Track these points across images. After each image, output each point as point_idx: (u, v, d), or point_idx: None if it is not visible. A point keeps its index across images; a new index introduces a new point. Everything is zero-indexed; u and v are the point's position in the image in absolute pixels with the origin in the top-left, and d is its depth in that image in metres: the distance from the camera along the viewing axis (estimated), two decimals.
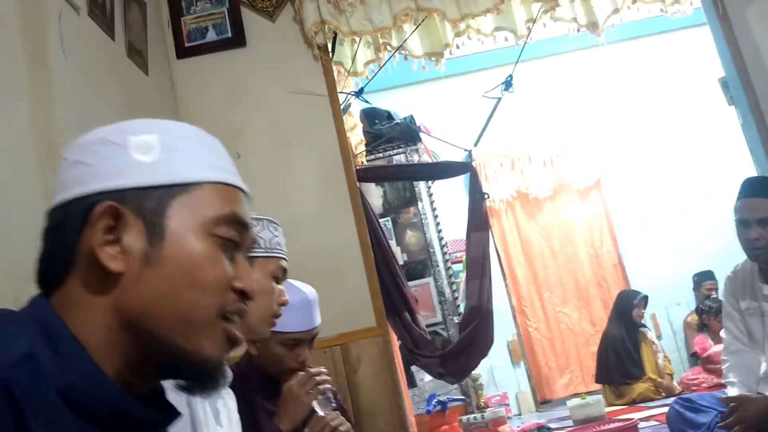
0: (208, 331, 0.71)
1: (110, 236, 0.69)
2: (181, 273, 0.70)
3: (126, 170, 0.71)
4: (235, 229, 0.75)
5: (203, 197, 0.73)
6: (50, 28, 1.90)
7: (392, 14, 3.04)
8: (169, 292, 0.69)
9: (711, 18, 3.17)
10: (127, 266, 0.69)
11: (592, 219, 6.37)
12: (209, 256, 0.72)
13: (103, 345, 0.69)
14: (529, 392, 5.93)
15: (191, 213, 0.72)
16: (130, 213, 0.70)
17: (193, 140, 0.78)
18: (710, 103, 5.40)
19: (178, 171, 0.73)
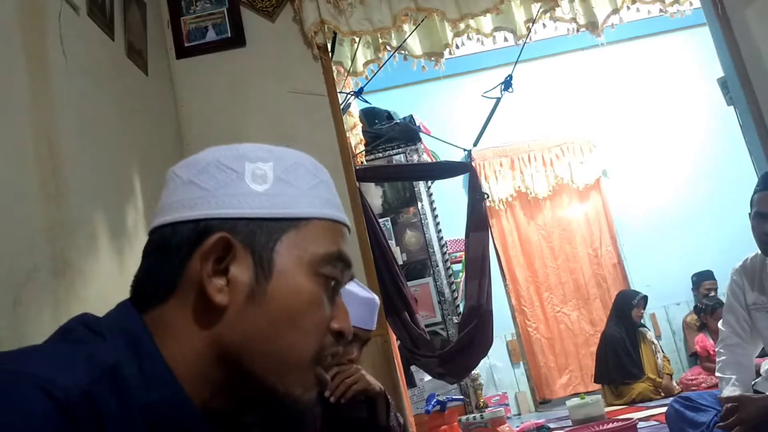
0: (302, 373, 0.70)
1: (219, 267, 0.67)
2: (285, 313, 0.68)
3: (240, 199, 0.68)
4: (339, 268, 0.73)
5: (312, 234, 0.71)
6: (50, 28, 1.90)
7: (392, 14, 3.04)
8: (269, 331, 0.68)
9: (710, 18, 3.18)
10: (232, 300, 0.67)
11: (591, 219, 6.37)
12: (313, 297, 0.70)
13: (193, 373, 0.67)
14: (529, 392, 5.93)
15: (300, 250, 0.69)
16: (240, 245, 0.67)
17: (305, 172, 0.74)
18: (709, 103, 5.41)
19: (290, 204, 0.70)
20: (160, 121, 2.84)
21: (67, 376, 0.59)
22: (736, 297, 2.45)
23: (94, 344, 0.65)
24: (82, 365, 0.61)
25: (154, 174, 2.51)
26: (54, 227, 1.69)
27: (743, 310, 2.43)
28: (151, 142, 2.62)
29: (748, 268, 2.42)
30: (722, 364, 2.44)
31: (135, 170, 2.34)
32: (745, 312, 2.42)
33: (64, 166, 1.80)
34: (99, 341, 0.65)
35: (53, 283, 1.64)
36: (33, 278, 1.56)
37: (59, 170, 1.78)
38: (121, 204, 2.16)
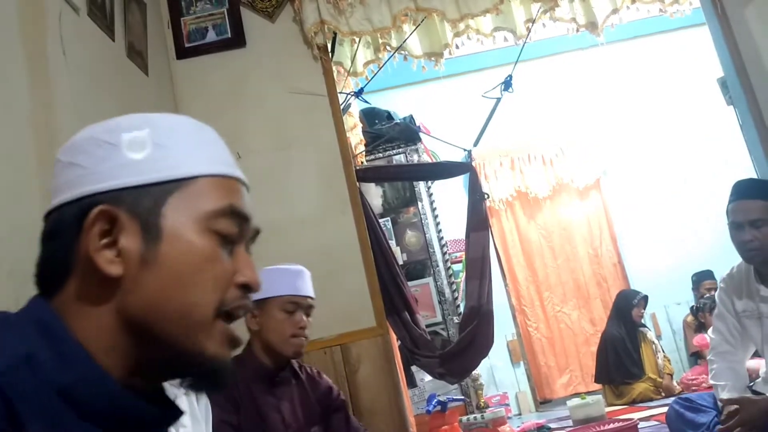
0: (209, 329, 0.70)
1: (106, 240, 0.68)
2: (180, 272, 0.69)
3: (119, 170, 0.69)
4: (235, 222, 0.73)
5: (199, 192, 0.71)
6: (50, 29, 1.90)
7: (392, 14, 3.04)
8: (169, 292, 0.68)
9: (710, 18, 3.18)
10: (126, 269, 0.68)
11: (591, 218, 6.37)
12: (208, 253, 0.70)
13: (106, 348, 0.68)
14: (529, 392, 5.93)
15: (187, 209, 0.70)
16: (125, 214, 0.68)
17: (186, 133, 0.74)
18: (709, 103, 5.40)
19: (171, 167, 0.71)
20: None
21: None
22: (725, 305, 2.47)
23: (6, 338, 0.65)
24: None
25: None
26: None
27: (733, 318, 2.44)
28: None
29: (735, 277, 2.45)
30: (715, 372, 2.46)
31: None
32: (734, 319, 2.44)
33: None
34: (9, 334, 0.66)
35: None
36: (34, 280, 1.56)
37: None
38: None
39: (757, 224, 2.24)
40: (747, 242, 2.25)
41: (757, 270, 2.34)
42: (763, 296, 2.32)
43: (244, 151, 3.00)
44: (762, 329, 2.35)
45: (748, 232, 2.24)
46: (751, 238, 2.24)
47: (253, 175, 3.10)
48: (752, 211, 2.25)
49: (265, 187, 2.96)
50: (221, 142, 0.79)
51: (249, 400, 1.89)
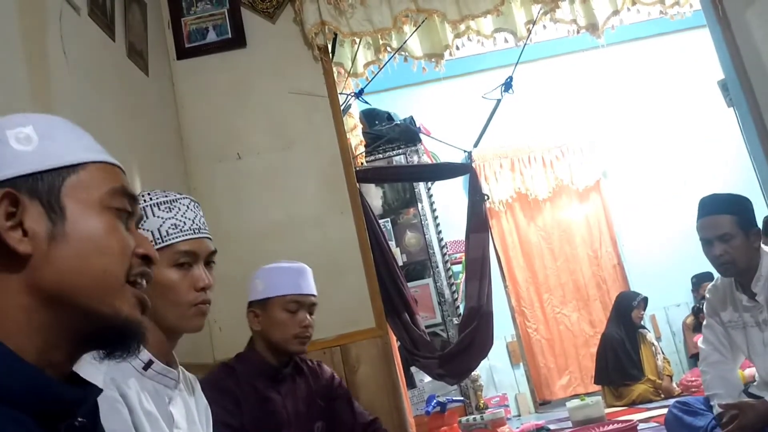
0: (121, 293, 0.77)
1: (12, 222, 0.72)
2: (88, 244, 0.75)
3: (12, 161, 0.74)
4: (126, 199, 0.81)
5: (92, 175, 0.78)
6: (51, 29, 1.90)
7: (392, 15, 3.04)
8: (79, 263, 0.74)
9: (710, 20, 3.18)
10: (35, 247, 0.73)
11: (591, 220, 6.37)
12: (109, 226, 0.78)
13: (20, 327, 0.71)
14: (528, 393, 5.93)
15: (85, 190, 0.77)
16: (26, 198, 0.73)
17: (64, 128, 0.81)
18: (710, 105, 5.40)
19: (61, 155, 0.77)
20: (161, 121, 2.84)
21: None
22: (712, 316, 2.51)
23: None
24: None
25: (154, 174, 2.51)
26: None
27: (721, 327, 2.47)
28: (151, 143, 2.62)
29: (720, 288, 2.49)
30: (707, 382, 2.47)
31: (135, 170, 2.35)
32: (722, 329, 2.46)
33: None
34: None
35: None
36: None
37: None
38: None
39: (725, 238, 2.29)
40: (718, 256, 2.32)
41: (737, 280, 2.38)
42: (745, 306, 2.36)
43: (244, 152, 3.01)
44: (747, 338, 2.38)
45: (718, 247, 2.30)
46: (722, 252, 2.30)
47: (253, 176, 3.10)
48: (720, 226, 2.31)
49: (265, 187, 2.96)
50: (90, 135, 0.86)
51: (252, 398, 1.88)
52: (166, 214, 1.34)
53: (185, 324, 1.33)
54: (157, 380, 1.29)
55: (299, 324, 1.94)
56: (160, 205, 1.34)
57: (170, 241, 1.33)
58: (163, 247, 1.31)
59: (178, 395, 1.34)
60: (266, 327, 1.95)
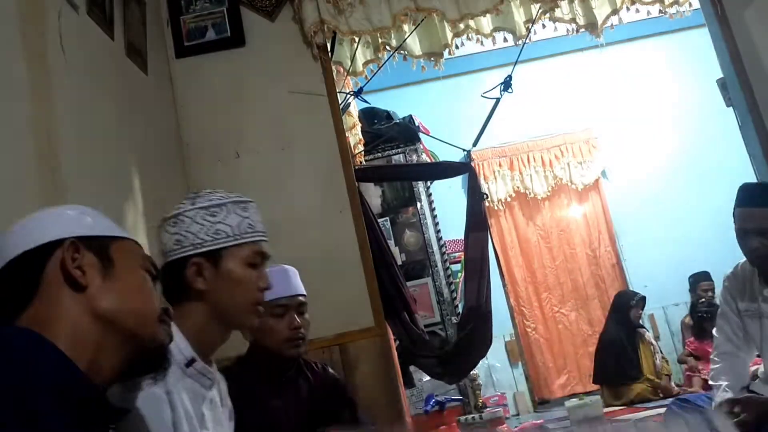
0: (156, 324, 1.03)
1: (75, 263, 0.96)
2: (132, 284, 1.02)
3: (76, 227, 1.00)
4: (152, 266, 1.09)
5: (129, 245, 1.07)
6: (49, 27, 1.89)
7: (391, 14, 3.04)
8: (127, 296, 1.00)
9: (710, 19, 3.18)
10: (90, 281, 0.97)
11: (590, 219, 6.37)
12: (145, 278, 1.06)
13: (78, 341, 0.92)
14: (527, 392, 5.93)
15: (127, 252, 1.05)
16: (84, 248, 0.98)
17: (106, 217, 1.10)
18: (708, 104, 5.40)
19: (110, 229, 1.06)
20: (160, 120, 2.84)
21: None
22: (729, 304, 2.47)
23: None
24: None
25: (153, 172, 2.51)
26: None
27: (736, 317, 2.44)
28: (150, 141, 2.62)
29: (739, 275, 2.44)
30: (715, 372, 2.45)
31: (134, 169, 2.34)
32: (737, 318, 2.43)
33: (63, 164, 1.80)
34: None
35: None
36: None
37: (58, 169, 1.78)
38: (120, 202, 2.16)
39: (764, 232, 2.23)
40: (754, 250, 2.25)
41: (762, 271, 2.34)
42: (765, 296, 2.32)
43: (243, 151, 3.01)
44: (762, 329, 2.35)
45: (756, 240, 2.24)
46: (759, 245, 2.23)
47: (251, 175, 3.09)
48: (760, 219, 2.24)
49: (263, 186, 2.96)
50: None
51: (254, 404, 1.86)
52: (243, 213, 1.42)
53: (245, 320, 1.41)
54: (196, 379, 1.31)
55: (289, 327, 1.91)
56: (239, 203, 1.42)
57: (247, 240, 1.40)
58: (240, 244, 1.39)
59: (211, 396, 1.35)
60: (258, 336, 1.93)
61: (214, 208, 1.37)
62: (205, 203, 1.38)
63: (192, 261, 1.35)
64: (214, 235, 1.36)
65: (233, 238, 1.38)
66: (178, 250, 1.36)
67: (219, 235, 1.36)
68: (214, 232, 1.36)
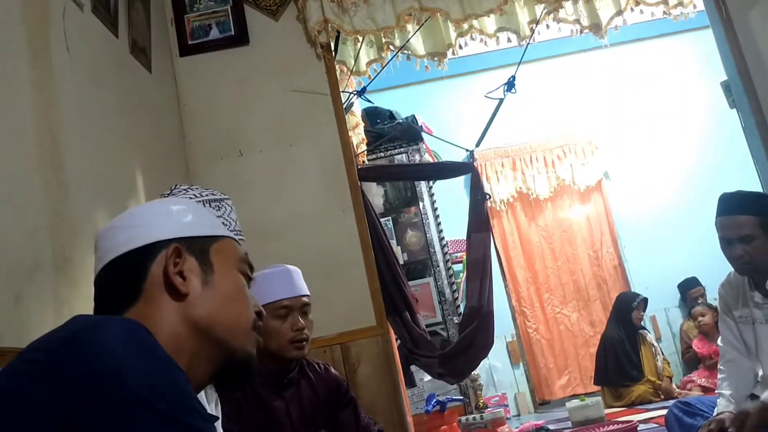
0: (248, 335, 0.98)
1: (177, 269, 0.93)
2: (229, 292, 0.97)
3: (177, 228, 0.97)
4: (249, 267, 1.04)
5: (227, 245, 1.02)
6: (54, 25, 1.90)
7: (395, 14, 3.04)
8: (224, 305, 0.96)
9: (714, 21, 3.17)
10: (191, 288, 0.93)
11: (592, 220, 6.37)
12: (242, 283, 1.00)
13: (173, 349, 0.85)
14: (528, 393, 5.93)
15: (225, 254, 1.00)
16: (186, 252, 0.95)
17: (208, 211, 1.10)
18: (712, 106, 5.40)
19: (210, 227, 1.02)
20: (163, 118, 2.84)
21: None
22: (726, 312, 2.48)
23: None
24: None
25: (156, 170, 2.51)
26: (56, 223, 1.70)
27: (734, 323, 2.45)
28: (153, 139, 2.62)
29: (733, 282, 2.46)
30: (721, 382, 2.45)
31: (137, 167, 2.35)
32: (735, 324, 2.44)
33: (67, 162, 1.80)
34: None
35: (54, 279, 1.64)
36: (35, 274, 1.56)
37: (62, 166, 1.78)
38: (122, 200, 2.17)
39: (745, 239, 2.26)
40: (738, 258, 2.28)
41: (751, 277, 2.36)
42: (756, 302, 2.34)
43: (246, 149, 3.01)
44: (755, 335, 2.36)
45: (739, 248, 2.27)
46: (742, 253, 2.27)
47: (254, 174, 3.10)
48: (741, 227, 2.28)
49: (266, 185, 2.96)
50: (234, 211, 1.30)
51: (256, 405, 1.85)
52: (216, 213, 1.37)
53: None
54: None
55: (292, 328, 1.89)
56: (212, 202, 1.39)
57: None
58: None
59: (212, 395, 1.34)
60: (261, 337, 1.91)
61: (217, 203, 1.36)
62: None
63: None
64: None
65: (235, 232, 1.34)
66: None
67: None
68: None
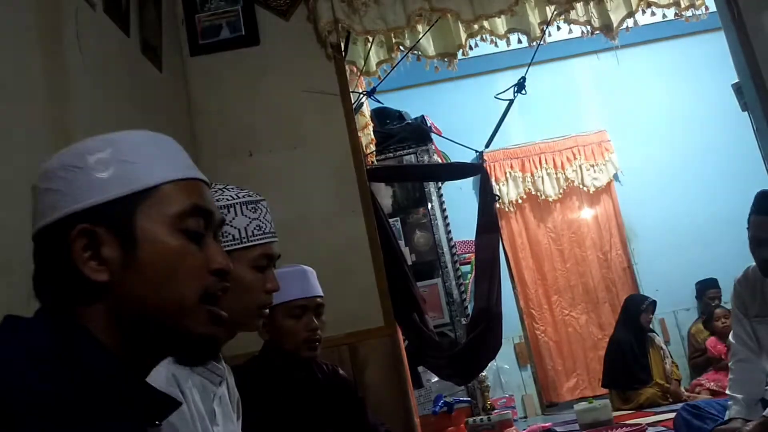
0: (193, 314, 0.80)
1: (89, 253, 0.77)
2: (158, 271, 0.78)
3: (90, 190, 0.78)
4: (201, 218, 0.82)
5: (164, 197, 0.80)
6: (66, 24, 1.91)
7: (406, 14, 3.04)
8: (154, 287, 0.78)
9: (725, 23, 3.16)
10: (112, 274, 0.77)
11: (602, 222, 6.35)
12: (180, 250, 0.80)
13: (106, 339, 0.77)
14: (535, 395, 5.92)
15: (156, 215, 0.79)
16: (102, 228, 0.77)
17: (146, 146, 0.83)
18: (724, 108, 5.37)
19: (136, 179, 0.79)
20: (173, 117, 2.85)
21: None
22: (740, 309, 2.44)
23: None
24: None
25: None
26: None
27: (748, 321, 2.41)
28: None
29: (750, 279, 2.41)
30: (731, 383, 2.42)
31: None
32: (749, 322, 2.41)
33: None
34: None
35: None
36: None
37: None
38: None
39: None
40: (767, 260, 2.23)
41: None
42: None
43: (255, 150, 3.01)
44: None
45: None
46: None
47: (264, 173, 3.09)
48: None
49: (275, 184, 2.96)
50: (178, 147, 0.87)
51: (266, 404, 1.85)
52: (252, 215, 1.37)
53: (249, 323, 1.36)
54: (205, 375, 1.30)
55: (306, 328, 1.90)
56: (248, 204, 1.37)
57: (255, 242, 1.35)
58: (247, 246, 1.34)
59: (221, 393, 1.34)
60: (274, 336, 1.91)
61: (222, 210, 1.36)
62: None
63: None
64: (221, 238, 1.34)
65: (239, 241, 1.34)
66: None
67: (225, 238, 1.33)
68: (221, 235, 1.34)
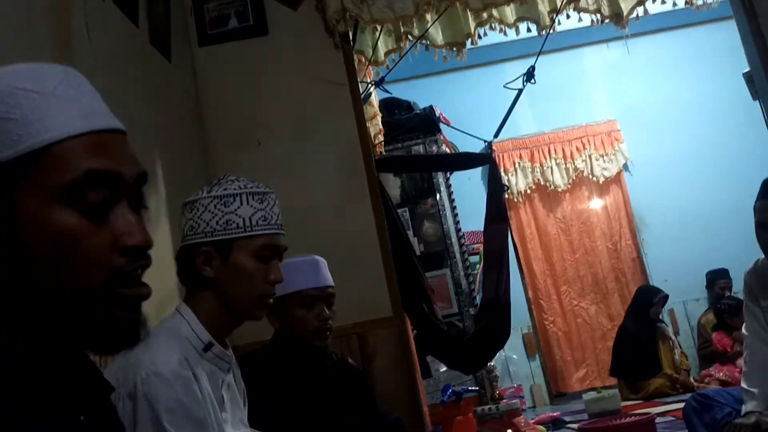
0: (102, 305, 0.64)
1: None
2: (50, 258, 0.62)
3: None
4: (102, 186, 0.64)
5: (53, 163, 0.62)
6: (75, 14, 1.91)
7: (414, 2, 3.02)
8: (49, 276, 0.62)
9: (737, 11, 3.13)
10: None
11: (611, 212, 6.32)
12: (71, 230, 0.62)
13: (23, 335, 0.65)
14: (544, 385, 5.92)
15: (40, 189, 0.62)
16: None
17: (24, 95, 0.63)
18: (735, 97, 5.33)
19: (15, 142, 0.62)
20: (182, 107, 2.85)
21: None
22: (752, 299, 2.42)
23: None
24: None
25: (175, 159, 2.53)
26: None
27: (761, 312, 2.39)
28: (172, 129, 2.64)
29: (760, 270, 2.39)
30: (746, 376, 2.39)
31: (156, 155, 2.36)
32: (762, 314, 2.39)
33: None
34: None
35: None
36: None
37: None
38: None
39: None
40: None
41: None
42: None
43: (264, 139, 3.02)
44: None
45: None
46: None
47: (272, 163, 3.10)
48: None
49: (284, 174, 2.97)
50: (80, 84, 0.69)
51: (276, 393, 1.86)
52: (258, 205, 1.38)
53: (250, 311, 1.38)
54: (214, 363, 1.33)
55: (317, 318, 1.92)
56: (255, 195, 1.39)
57: (258, 232, 1.36)
58: (251, 236, 1.36)
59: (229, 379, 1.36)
60: (286, 325, 1.93)
61: (228, 198, 1.36)
62: (220, 192, 1.37)
63: (201, 249, 1.35)
64: (225, 225, 1.35)
65: (243, 229, 1.35)
66: (191, 236, 1.37)
67: (229, 226, 1.35)
68: (225, 222, 1.35)
